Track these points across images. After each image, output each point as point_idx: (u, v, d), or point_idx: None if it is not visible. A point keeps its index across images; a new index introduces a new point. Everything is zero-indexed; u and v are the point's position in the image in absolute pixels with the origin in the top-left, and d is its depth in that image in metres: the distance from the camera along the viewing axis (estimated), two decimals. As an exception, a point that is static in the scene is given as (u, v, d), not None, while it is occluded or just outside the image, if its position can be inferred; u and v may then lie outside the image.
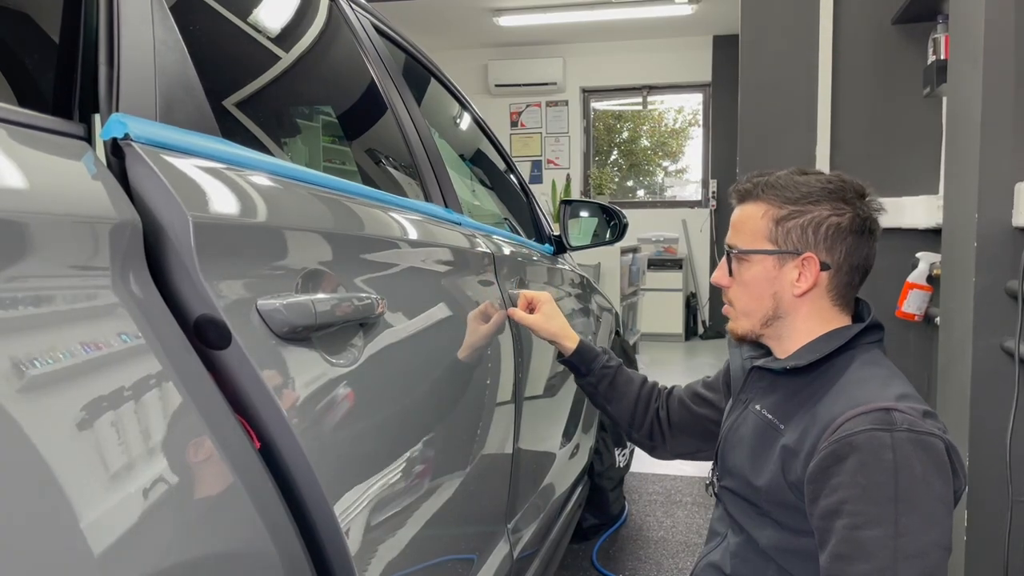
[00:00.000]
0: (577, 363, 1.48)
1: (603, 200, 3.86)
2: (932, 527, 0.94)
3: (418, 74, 1.82)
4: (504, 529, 1.62)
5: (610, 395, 1.46)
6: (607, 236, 2.38)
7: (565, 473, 2.09)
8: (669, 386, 1.49)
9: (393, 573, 0.95)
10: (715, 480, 1.26)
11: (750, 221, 1.15)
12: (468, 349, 1.30)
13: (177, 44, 0.82)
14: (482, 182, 2.25)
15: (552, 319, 1.48)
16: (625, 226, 2.36)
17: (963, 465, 1.01)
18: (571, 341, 1.48)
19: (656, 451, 1.46)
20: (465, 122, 2.19)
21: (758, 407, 1.16)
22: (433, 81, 1.91)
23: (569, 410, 2.10)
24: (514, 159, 2.31)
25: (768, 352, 1.21)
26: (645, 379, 1.49)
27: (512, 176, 2.35)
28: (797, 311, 1.13)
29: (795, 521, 1.06)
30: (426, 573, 1.10)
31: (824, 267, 1.11)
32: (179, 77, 0.81)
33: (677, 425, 1.42)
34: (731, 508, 1.19)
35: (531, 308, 1.50)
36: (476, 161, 2.25)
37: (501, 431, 1.54)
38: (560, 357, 1.51)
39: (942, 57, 2.22)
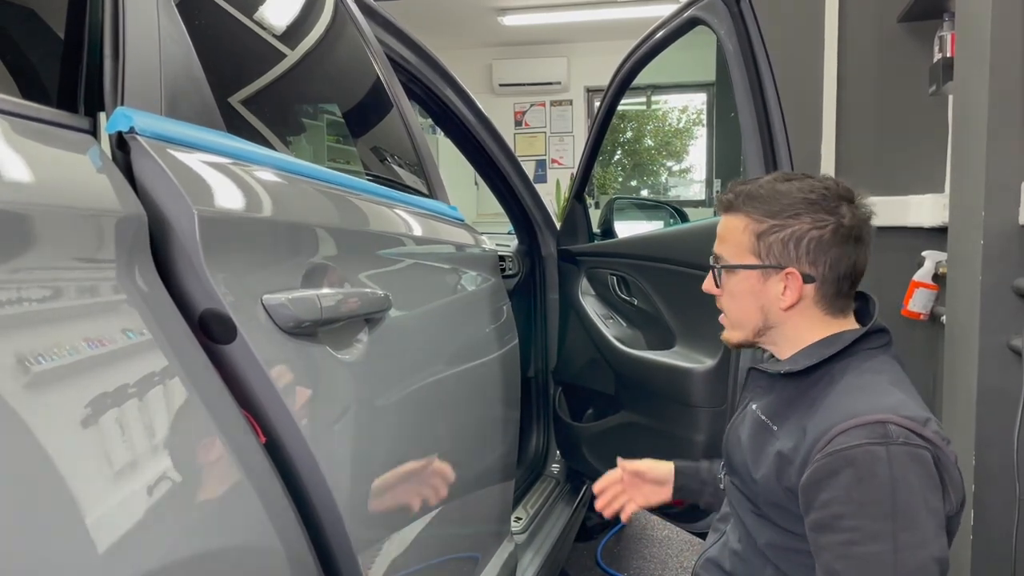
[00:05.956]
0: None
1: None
2: (930, 541, 0.92)
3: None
4: (509, 528, 1.61)
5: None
6: None
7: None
8: None
9: (397, 568, 0.95)
10: (723, 476, 1.26)
11: (733, 233, 1.13)
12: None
13: (182, 39, 0.81)
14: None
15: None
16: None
17: (956, 480, 0.97)
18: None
19: None
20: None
21: (754, 407, 1.16)
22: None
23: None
24: (519, 158, 2.30)
25: None
26: None
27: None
28: (786, 322, 1.12)
29: (790, 523, 1.05)
30: (431, 568, 1.10)
31: (808, 279, 1.08)
32: (184, 71, 0.81)
33: None
34: (735, 504, 1.19)
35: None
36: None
37: (507, 425, 1.54)
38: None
39: (948, 55, 2.21)
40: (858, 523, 0.93)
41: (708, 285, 1.19)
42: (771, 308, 1.11)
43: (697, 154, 8.05)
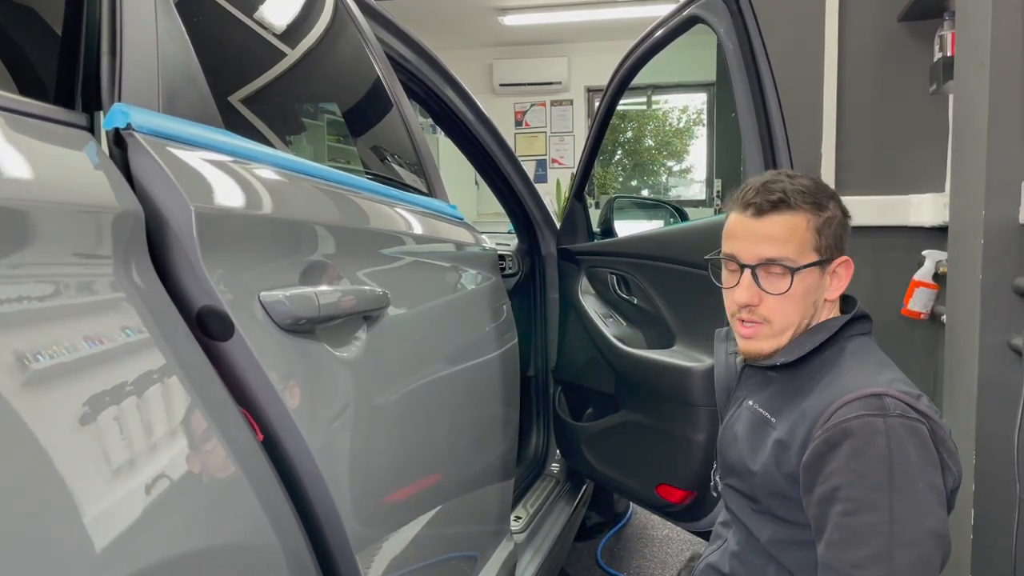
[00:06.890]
0: None
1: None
2: (927, 514, 0.93)
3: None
4: (508, 527, 1.61)
5: None
6: None
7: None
8: None
9: (396, 566, 0.95)
10: (717, 480, 1.25)
11: (797, 232, 1.06)
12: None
13: (180, 36, 0.81)
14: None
15: None
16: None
17: (953, 453, 0.99)
18: None
19: None
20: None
21: (751, 403, 1.16)
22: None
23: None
24: (519, 158, 2.30)
25: None
26: None
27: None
28: (820, 314, 1.12)
29: (792, 514, 1.06)
30: (429, 566, 1.10)
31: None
32: (182, 68, 0.80)
33: None
34: (733, 506, 1.19)
35: None
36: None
37: (506, 424, 1.54)
38: None
39: (948, 54, 2.21)
40: (855, 493, 0.94)
41: (753, 295, 1.08)
42: (819, 302, 1.11)
43: (697, 154, 8.05)
